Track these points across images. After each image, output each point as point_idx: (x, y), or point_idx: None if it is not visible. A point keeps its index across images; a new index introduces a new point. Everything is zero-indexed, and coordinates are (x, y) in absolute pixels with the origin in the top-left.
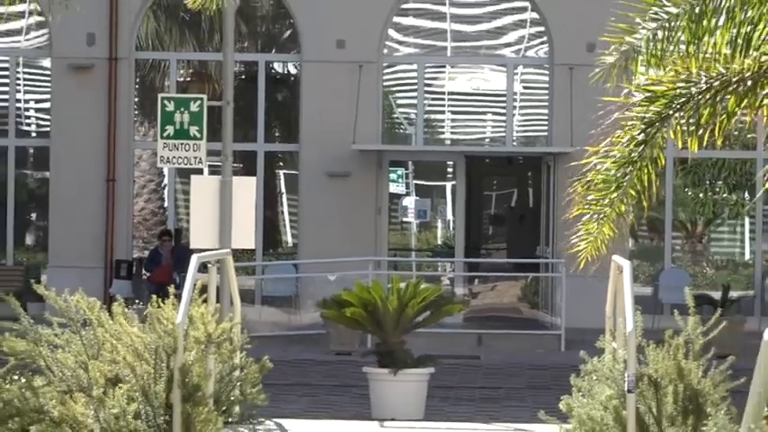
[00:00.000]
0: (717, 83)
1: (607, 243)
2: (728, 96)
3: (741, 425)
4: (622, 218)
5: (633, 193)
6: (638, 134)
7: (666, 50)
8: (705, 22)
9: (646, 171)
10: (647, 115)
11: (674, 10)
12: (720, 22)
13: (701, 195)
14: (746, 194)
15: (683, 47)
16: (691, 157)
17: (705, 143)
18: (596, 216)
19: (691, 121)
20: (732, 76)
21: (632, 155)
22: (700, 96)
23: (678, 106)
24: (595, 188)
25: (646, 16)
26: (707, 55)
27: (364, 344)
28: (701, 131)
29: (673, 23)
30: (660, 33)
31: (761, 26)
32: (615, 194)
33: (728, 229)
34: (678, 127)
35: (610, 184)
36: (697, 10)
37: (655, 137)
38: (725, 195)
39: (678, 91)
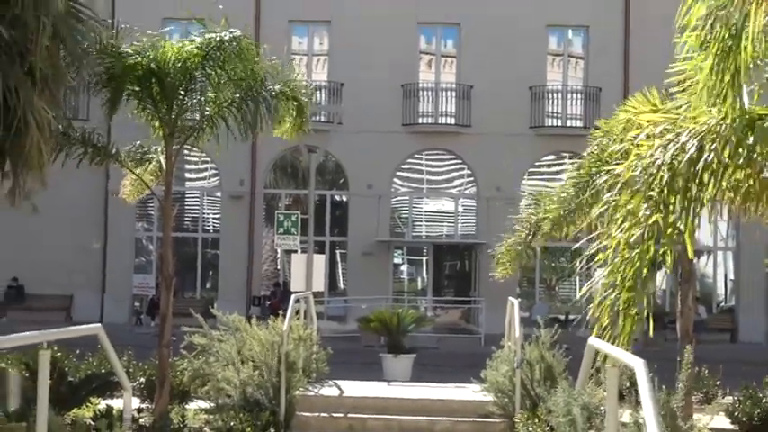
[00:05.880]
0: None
1: (511, 273)
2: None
3: (576, 386)
4: (517, 265)
5: (525, 256)
6: (528, 233)
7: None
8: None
9: (530, 246)
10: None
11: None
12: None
13: (553, 264)
14: (577, 263)
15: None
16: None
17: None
18: (506, 260)
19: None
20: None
21: (527, 238)
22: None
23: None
24: (506, 250)
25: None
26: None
27: (380, 341)
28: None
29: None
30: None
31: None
32: (512, 257)
33: (567, 283)
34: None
35: (512, 250)
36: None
37: (535, 235)
38: (566, 265)
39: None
